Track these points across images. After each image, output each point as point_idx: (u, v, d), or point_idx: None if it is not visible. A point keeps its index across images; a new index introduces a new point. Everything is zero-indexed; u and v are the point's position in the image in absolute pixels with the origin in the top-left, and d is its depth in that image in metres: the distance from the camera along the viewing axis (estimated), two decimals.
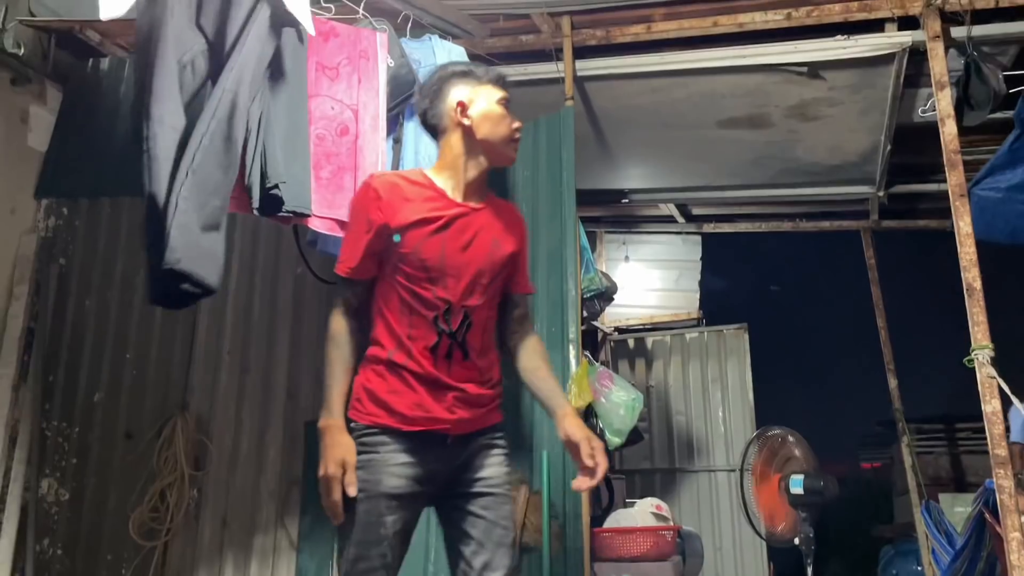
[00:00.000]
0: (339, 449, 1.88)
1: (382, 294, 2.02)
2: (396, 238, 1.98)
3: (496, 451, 2.07)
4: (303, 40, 2.97)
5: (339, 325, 2.00)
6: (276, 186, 2.71)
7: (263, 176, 2.71)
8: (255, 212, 2.79)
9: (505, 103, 2.12)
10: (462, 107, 2.07)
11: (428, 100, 2.13)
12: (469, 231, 2.05)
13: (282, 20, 2.81)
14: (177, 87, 2.52)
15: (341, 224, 2.91)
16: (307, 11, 2.83)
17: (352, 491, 1.86)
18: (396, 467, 1.91)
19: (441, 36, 3.64)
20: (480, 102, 2.09)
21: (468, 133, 2.08)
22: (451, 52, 3.51)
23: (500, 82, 2.15)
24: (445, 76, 2.14)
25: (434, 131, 2.16)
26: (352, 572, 1.86)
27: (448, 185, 2.08)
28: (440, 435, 1.96)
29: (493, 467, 2.04)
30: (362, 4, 3.42)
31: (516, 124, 2.12)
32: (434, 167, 2.14)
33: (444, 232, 2.02)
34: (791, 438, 4.16)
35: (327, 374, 1.95)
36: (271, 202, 2.76)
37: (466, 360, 2.01)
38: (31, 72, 3.77)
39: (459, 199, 2.08)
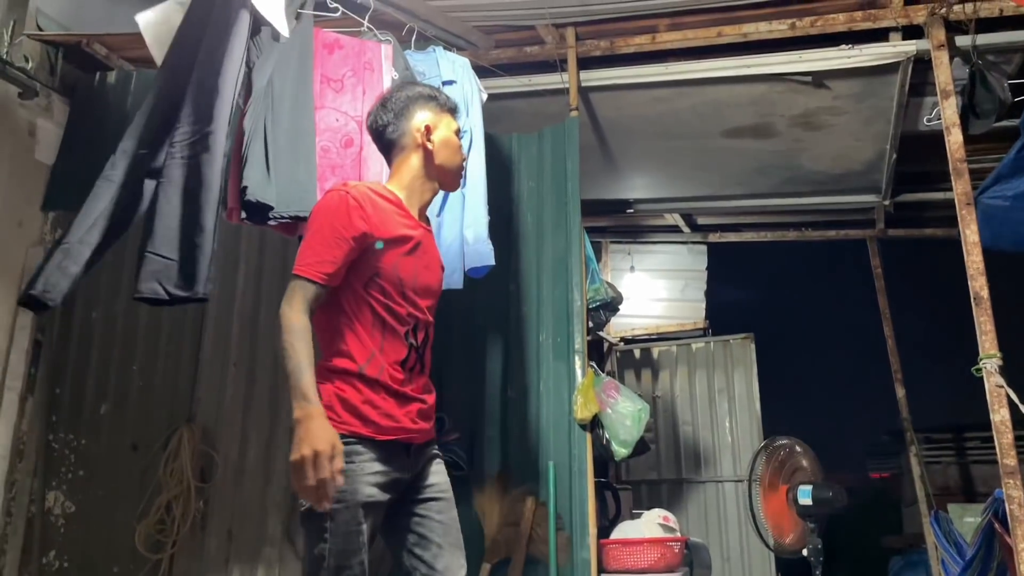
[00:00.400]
0: (329, 433, 1.83)
1: (351, 307, 2.02)
2: (379, 245, 2.01)
3: (439, 461, 2.17)
4: (308, 46, 2.99)
5: (302, 322, 1.90)
6: (244, 188, 2.72)
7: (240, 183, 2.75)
8: (244, 222, 2.81)
9: (459, 134, 2.23)
10: (428, 130, 2.15)
11: (392, 115, 2.17)
12: (428, 252, 2.16)
13: (264, 23, 2.85)
14: (144, 119, 2.60)
15: None
16: (281, 13, 2.86)
17: (340, 480, 1.82)
18: (370, 476, 1.94)
19: (445, 48, 3.65)
20: (442, 129, 2.18)
21: (428, 157, 2.16)
22: (455, 63, 3.52)
23: (455, 113, 2.26)
24: (412, 96, 2.19)
25: (389, 146, 2.19)
26: None
27: (409, 204, 2.14)
28: (405, 445, 2.04)
29: (440, 475, 2.15)
30: (367, 16, 3.43)
31: (463, 156, 2.25)
32: (391, 183, 2.17)
33: (415, 251, 2.09)
34: (798, 448, 4.14)
35: (295, 364, 1.86)
36: (250, 209, 2.76)
37: (422, 373, 2.11)
38: (38, 86, 3.80)
39: (416, 218, 2.16)
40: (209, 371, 3.87)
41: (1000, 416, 3.00)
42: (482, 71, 3.84)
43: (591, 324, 4.28)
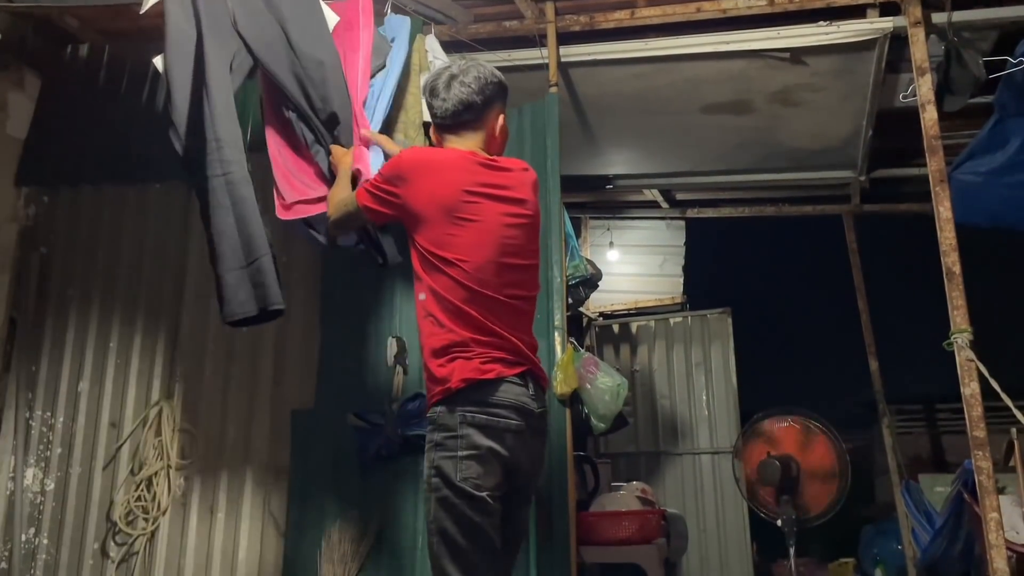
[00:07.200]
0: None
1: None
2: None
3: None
4: None
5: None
6: None
7: None
8: None
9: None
10: (503, 119, 2.42)
11: (480, 97, 2.33)
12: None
13: None
14: (233, 102, 2.68)
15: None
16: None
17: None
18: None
19: (425, 22, 3.61)
20: (503, 118, 2.43)
21: (493, 143, 2.41)
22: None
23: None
24: (497, 85, 2.38)
25: (470, 121, 2.36)
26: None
27: None
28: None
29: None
30: None
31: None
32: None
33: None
34: (777, 424, 4.23)
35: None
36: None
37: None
38: (9, 58, 3.73)
39: None
40: (188, 348, 3.85)
41: (970, 389, 3.06)
42: (461, 46, 3.81)
43: (570, 300, 4.31)
